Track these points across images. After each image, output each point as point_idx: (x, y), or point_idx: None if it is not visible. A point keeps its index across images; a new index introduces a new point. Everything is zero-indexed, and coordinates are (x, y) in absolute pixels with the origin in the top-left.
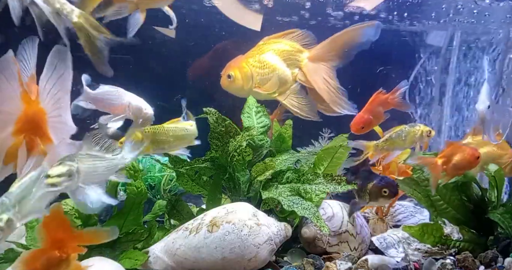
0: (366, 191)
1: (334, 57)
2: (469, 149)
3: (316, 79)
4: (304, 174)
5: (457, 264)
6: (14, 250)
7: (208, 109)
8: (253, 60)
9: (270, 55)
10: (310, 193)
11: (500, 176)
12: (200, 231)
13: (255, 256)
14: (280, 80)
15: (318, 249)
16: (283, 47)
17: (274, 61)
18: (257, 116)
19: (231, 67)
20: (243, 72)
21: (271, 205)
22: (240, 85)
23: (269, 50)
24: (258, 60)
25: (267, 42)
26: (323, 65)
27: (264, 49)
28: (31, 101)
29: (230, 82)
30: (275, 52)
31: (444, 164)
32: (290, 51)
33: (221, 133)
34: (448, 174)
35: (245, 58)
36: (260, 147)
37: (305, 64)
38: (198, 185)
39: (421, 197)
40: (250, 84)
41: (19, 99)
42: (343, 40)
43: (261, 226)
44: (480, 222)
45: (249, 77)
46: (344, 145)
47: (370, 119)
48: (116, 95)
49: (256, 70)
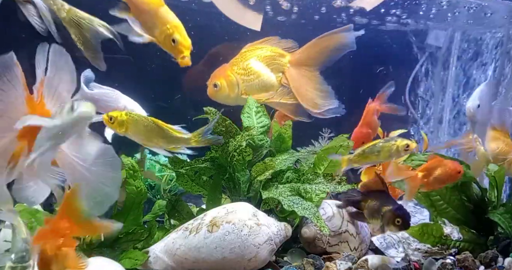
0: (380, 213)
1: (316, 60)
2: (451, 163)
3: (295, 83)
4: (304, 174)
5: (457, 264)
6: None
7: (208, 108)
8: (238, 68)
9: (254, 61)
10: (310, 193)
11: (500, 176)
12: (200, 231)
13: (255, 256)
14: (266, 85)
15: (318, 249)
16: (265, 53)
17: (258, 67)
18: (257, 116)
19: (216, 76)
20: (228, 80)
21: (271, 205)
22: (227, 94)
23: (252, 56)
24: (243, 67)
25: (250, 49)
26: (305, 68)
27: (247, 56)
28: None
29: (216, 91)
30: (259, 58)
31: (425, 177)
32: (272, 56)
33: (221, 133)
34: (428, 187)
35: (230, 66)
36: (260, 146)
37: (287, 68)
38: (198, 185)
39: (421, 197)
40: (236, 92)
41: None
42: (323, 44)
43: (261, 226)
44: (480, 222)
45: (235, 85)
46: (344, 145)
47: (369, 133)
48: (113, 97)
49: (241, 78)
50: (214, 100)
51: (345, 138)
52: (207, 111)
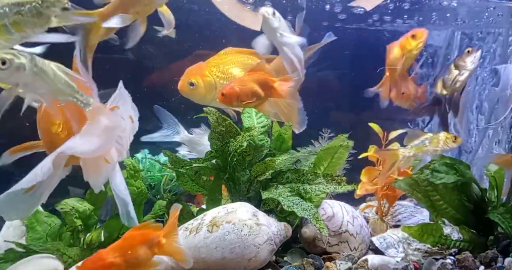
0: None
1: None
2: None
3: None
4: (304, 174)
5: (457, 264)
6: (14, 250)
7: (209, 109)
8: (217, 70)
9: (234, 68)
10: (310, 193)
11: (500, 176)
12: (200, 231)
13: (255, 256)
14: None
15: (318, 249)
16: (246, 60)
17: (239, 74)
18: (257, 117)
19: (193, 74)
20: (206, 81)
21: (271, 205)
22: (202, 94)
23: (234, 62)
24: (222, 70)
25: (230, 53)
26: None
27: (227, 61)
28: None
29: (192, 90)
30: (240, 65)
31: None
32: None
33: (221, 133)
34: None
35: (207, 66)
36: (260, 146)
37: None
38: (198, 185)
39: (421, 197)
40: (213, 94)
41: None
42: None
43: (261, 226)
44: (480, 222)
45: (212, 87)
46: (344, 145)
47: (236, 92)
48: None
49: (219, 81)
50: (186, 97)
51: (345, 137)
52: (207, 111)
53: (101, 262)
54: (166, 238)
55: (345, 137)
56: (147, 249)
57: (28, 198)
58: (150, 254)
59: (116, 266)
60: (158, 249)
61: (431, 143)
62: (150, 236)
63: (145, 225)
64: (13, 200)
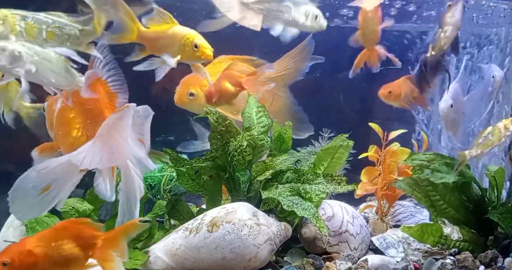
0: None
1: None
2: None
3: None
4: (304, 174)
5: (457, 264)
6: None
7: (209, 109)
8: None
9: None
10: (310, 193)
11: (500, 176)
12: (200, 231)
13: (255, 256)
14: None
15: (318, 249)
16: (241, 68)
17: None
18: (257, 116)
19: (191, 84)
20: (205, 90)
21: (271, 205)
22: (202, 104)
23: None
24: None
25: (224, 61)
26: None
27: (223, 69)
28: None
29: (191, 100)
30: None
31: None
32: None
33: (221, 133)
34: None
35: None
36: (260, 146)
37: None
38: (199, 184)
39: (421, 197)
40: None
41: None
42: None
43: (261, 226)
44: (480, 222)
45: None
46: (344, 145)
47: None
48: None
49: None
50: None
51: (345, 137)
52: (207, 111)
53: (20, 247)
54: (104, 243)
55: (345, 136)
56: (78, 247)
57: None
58: (82, 255)
59: (33, 256)
60: (93, 252)
61: (493, 135)
62: (85, 234)
63: (86, 221)
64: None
